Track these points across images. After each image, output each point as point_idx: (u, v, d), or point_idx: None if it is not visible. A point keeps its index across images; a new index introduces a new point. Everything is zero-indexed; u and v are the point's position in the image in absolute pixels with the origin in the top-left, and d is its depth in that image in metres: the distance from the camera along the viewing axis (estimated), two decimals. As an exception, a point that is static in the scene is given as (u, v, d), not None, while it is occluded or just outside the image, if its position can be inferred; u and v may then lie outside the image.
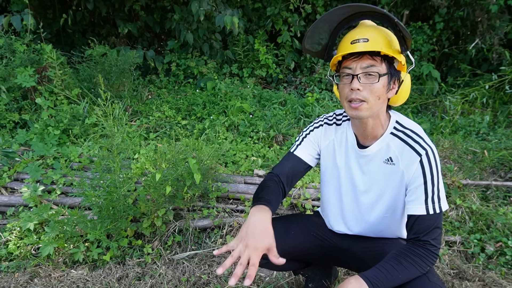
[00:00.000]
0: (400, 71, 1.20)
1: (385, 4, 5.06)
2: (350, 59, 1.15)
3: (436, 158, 1.17)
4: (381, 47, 1.11)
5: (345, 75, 1.17)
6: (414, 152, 1.17)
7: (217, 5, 4.46)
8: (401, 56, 1.16)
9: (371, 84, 1.12)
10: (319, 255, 1.51)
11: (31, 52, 3.67)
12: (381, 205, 1.30)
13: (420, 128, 1.23)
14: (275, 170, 1.41)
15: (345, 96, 1.17)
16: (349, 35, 1.16)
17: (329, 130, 1.39)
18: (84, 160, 2.79)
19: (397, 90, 1.20)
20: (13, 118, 3.32)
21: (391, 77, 1.17)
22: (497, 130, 3.79)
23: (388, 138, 1.23)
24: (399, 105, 1.29)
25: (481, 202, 2.55)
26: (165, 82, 4.83)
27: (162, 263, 2.09)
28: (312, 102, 4.03)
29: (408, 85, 1.24)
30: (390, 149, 1.22)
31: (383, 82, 1.14)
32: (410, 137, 1.19)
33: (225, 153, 2.99)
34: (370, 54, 1.12)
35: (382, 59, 1.13)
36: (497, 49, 4.73)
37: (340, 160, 1.36)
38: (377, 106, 1.16)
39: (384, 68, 1.14)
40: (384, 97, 1.17)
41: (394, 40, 1.16)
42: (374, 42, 1.11)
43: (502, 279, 1.97)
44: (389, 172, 1.23)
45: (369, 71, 1.12)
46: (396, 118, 1.25)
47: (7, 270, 2.04)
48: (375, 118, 1.20)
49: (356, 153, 1.30)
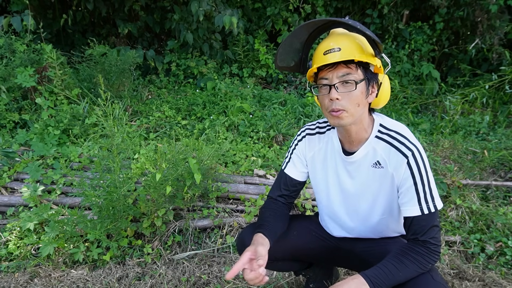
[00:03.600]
0: (377, 74, 1.20)
1: (385, 4, 5.06)
2: (326, 70, 1.15)
3: (424, 157, 1.16)
4: (354, 55, 1.10)
5: (322, 85, 1.17)
6: (401, 154, 1.16)
7: (217, 5, 4.46)
8: (375, 59, 1.15)
9: (349, 92, 1.12)
10: (321, 255, 1.52)
11: (31, 52, 3.67)
12: (377, 209, 1.30)
13: (405, 127, 1.23)
14: (272, 194, 1.47)
15: (326, 106, 1.17)
16: (322, 46, 1.15)
17: (312, 140, 1.39)
18: (84, 160, 2.79)
19: (377, 93, 1.20)
20: (13, 118, 3.32)
21: (369, 82, 1.16)
22: (497, 130, 3.79)
23: (373, 142, 1.23)
24: (381, 107, 1.28)
25: (481, 202, 2.55)
26: (165, 82, 4.83)
27: (162, 263, 2.09)
28: (312, 102, 4.03)
29: (388, 87, 1.24)
30: (377, 153, 1.22)
31: (361, 88, 1.14)
32: (395, 139, 1.19)
33: (225, 153, 2.99)
34: (345, 62, 1.12)
35: (357, 66, 1.13)
36: (497, 49, 4.73)
37: (328, 169, 1.36)
38: (358, 113, 1.16)
39: (360, 74, 1.14)
40: (364, 102, 1.17)
41: (366, 44, 1.15)
42: (347, 50, 1.11)
43: (502, 279, 1.97)
44: (379, 175, 1.23)
45: (345, 79, 1.12)
46: (380, 121, 1.25)
47: (7, 270, 2.04)
48: (358, 124, 1.20)
49: (343, 161, 1.30)
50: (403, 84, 4.83)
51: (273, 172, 2.80)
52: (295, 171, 1.43)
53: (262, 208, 1.45)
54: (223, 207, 2.46)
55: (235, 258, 2.14)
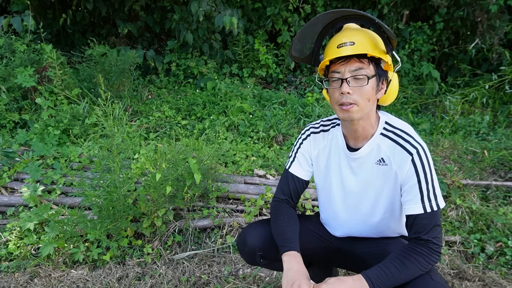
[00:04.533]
0: (387, 71, 1.21)
1: (385, 4, 5.06)
2: (338, 63, 1.16)
3: (428, 156, 1.16)
4: (368, 49, 1.11)
5: (334, 79, 1.17)
6: (405, 151, 1.17)
7: (217, 5, 4.46)
8: (387, 56, 1.17)
9: (361, 87, 1.13)
10: (321, 255, 1.52)
11: (31, 52, 3.67)
12: (380, 207, 1.30)
13: (410, 127, 1.23)
14: (279, 195, 1.44)
15: (336, 100, 1.18)
16: (335, 40, 1.16)
17: (317, 138, 1.39)
18: (84, 160, 2.79)
19: (385, 90, 1.21)
20: (13, 118, 3.32)
21: (380, 78, 1.18)
22: (497, 130, 3.79)
23: (378, 139, 1.23)
24: (388, 104, 1.29)
25: (481, 202, 2.55)
26: (165, 82, 4.83)
27: (162, 263, 2.09)
28: (312, 102, 4.03)
29: (396, 84, 1.25)
30: (381, 150, 1.22)
31: (372, 84, 1.15)
32: (400, 137, 1.20)
33: (225, 153, 2.99)
34: (357, 57, 1.13)
35: (369, 61, 1.14)
36: (497, 49, 4.73)
37: (331, 166, 1.36)
38: (368, 108, 1.17)
39: (372, 70, 1.15)
40: (374, 98, 1.18)
41: (379, 41, 1.17)
42: (360, 44, 1.12)
43: (502, 279, 1.97)
44: (383, 173, 1.23)
45: (357, 74, 1.13)
46: (385, 119, 1.25)
47: (7, 270, 2.04)
48: (366, 119, 1.21)
49: (347, 157, 1.30)
50: (403, 84, 4.83)
51: (273, 172, 2.80)
52: (300, 170, 1.42)
53: (274, 211, 1.41)
54: (223, 207, 2.46)
55: (235, 258, 2.14)
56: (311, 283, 1.15)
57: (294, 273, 1.19)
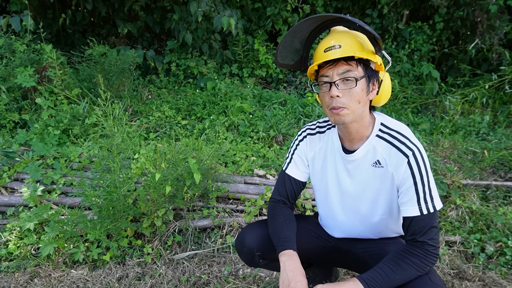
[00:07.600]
0: (378, 71, 1.20)
1: (385, 4, 5.07)
2: (326, 67, 1.15)
3: (424, 158, 1.16)
4: (355, 51, 1.11)
5: (323, 83, 1.17)
6: (401, 153, 1.16)
7: (216, 6, 4.46)
8: (376, 56, 1.16)
9: (350, 89, 1.13)
10: (321, 255, 1.52)
11: (31, 52, 3.67)
12: (378, 209, 1.30)
13: (406, 128, 1.23)
14: (276, 196, 1.45)
15: (327, 104, 1.18)
16: (322, 44, 1.16)
17: (313, 140, 1.39)
18: (84, 160, 2.79)
19: (377, 90, 1.20)
20: (13, 118, 3.32)
21: (369, 79, 1.17)
22: (497, 130, 3.79)
23: (374, 140, 1.22)
24: (382, 104, 1.28)
25: (481, 202, 2.55)
26: (165, 82, 4.83)
27: (162, 263, 2.09)
28: (312, 102, 4.03)
29: (389, 84, 1.24)
30: (377, 152, 1.22)
31: (361, 85, 1.14)
32: (396, 139, 1.19)
33: (225, 153, 2.99)
34: (345, 59, 1.13)
35: (358, 63, 1.13)
36: (497, 49, 4.73)
37: (327, 168, 1.36)
38: (359, 110, 1.16)
39: (361, 71, 1.14)
40: (365, 99, 1.17)
41: (367, 42, 1.16)
42: (347, 47, 1.11)
43: (502, 279, 1.97)
44: (379, 175, 1.23)
45: (346, 77, 1.13)
46: (381, 120, 1.24)
47: (7, 270, 2.04)
48: (359, 121, 1.20)
49: (343, 159, 1.29)
50: (403, 84, 4.83)
51: (273, 172, 2.80)
52: (297, 171, 1.43)
53: (271, 212, 1.42)
54: (223, 207, 2.46)
55: (235, 258, 2.14)
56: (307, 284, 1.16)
57: (290, 273, 1.19)
